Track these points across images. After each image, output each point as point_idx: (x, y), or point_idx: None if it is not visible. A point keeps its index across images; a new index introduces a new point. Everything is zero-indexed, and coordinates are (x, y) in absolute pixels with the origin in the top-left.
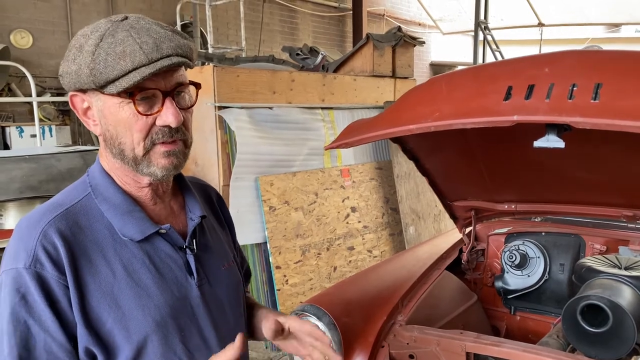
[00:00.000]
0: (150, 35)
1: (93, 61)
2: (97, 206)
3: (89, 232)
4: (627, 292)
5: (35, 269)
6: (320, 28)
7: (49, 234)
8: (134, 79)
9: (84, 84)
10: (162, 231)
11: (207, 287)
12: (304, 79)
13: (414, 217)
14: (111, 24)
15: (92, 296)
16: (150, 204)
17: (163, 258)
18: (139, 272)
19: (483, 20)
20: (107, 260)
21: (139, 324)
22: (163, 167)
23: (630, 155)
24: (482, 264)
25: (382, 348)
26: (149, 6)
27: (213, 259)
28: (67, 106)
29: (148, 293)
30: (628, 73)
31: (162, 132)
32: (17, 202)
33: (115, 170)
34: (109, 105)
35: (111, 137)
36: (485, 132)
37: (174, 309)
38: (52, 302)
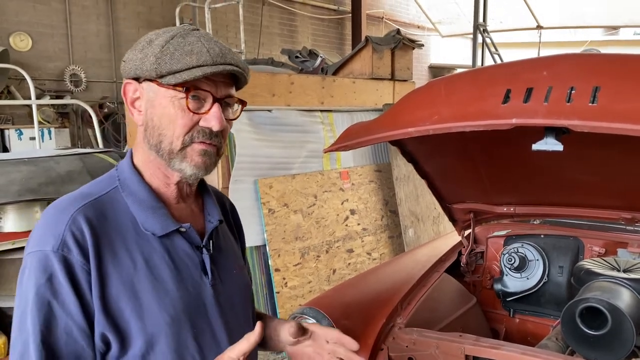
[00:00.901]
0: (217, 45)
1: (161, 52)
2: (123, 199)
3: (114, 223)
4: (625, 294)
5: (62, 252)
6: (320, 31)
7: (78, 220)
8: (195, 74)
9: (145, 70)
10: (182, 229)
11: (220, 287)
12: (303, 82)
13: (413, 219)
14: (183, 29)
15: (113, 285)
16: (174, 202)
17: (181, 255)
18: (158, 266)
19: (482, 22)
20: (129, 252)
21: (155, 317)
22: (195, 165)
23: (629, 158)
24: (481, 267)
25: (382, 351)
26: (149, 9)
27: (226, 261)
28: (66, 109)
29: (165, 287)
30: (626, 76)
31: (203, 132)
32: (16, 204)
33: (148, 163)
34: (161, 97)
35: (153, 127)
36: (484, 135)
37: (188, 306)
38: (75, 287)
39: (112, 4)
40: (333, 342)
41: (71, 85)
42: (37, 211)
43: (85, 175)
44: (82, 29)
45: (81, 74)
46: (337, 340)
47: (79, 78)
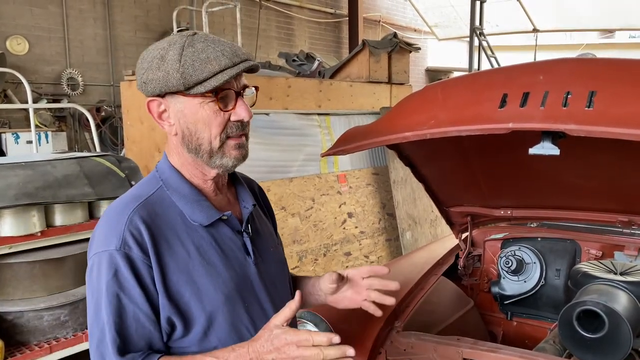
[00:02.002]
0: (224, 45)
1: (182, 66)
2: (169, 197)
3: (165, 219)
4: (622, 297)
5: (124, 250)
6: (317, 34)
7: (134, 220)
8: (222, 79)
9: (171, 87)
10: (224, 217)
11: (261, 265)
12: (301, 85)
13: (411, 222)
14: (185, 37)
15: (172, 273)
16: (213, 195)
17: (226, 241)
18: (208, 253)
19: (478, 26)
20: (181, 242)
21: (212, 297)
22: (235, 158)
23: (625, 162)
24: (479, 270)
25: (380, 354)
26: (146, 12)
27: (263, 241)
28: (63, 112)
29: (217, 270)
30: (621, 81)
31: (236, 126)
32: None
33: (186, 165)
34: (190, 106)
35: (190, 134)
36: (481, 139)
37: (238, 284)
38: (139, 279)
39: (109, 8)
40: (367, 276)
41: (68, 88)
42: (34, 215)
43: (82, 179)
44: (79, 33)
45: (78, 77)
46: (370, 272)
47: (76, 82)
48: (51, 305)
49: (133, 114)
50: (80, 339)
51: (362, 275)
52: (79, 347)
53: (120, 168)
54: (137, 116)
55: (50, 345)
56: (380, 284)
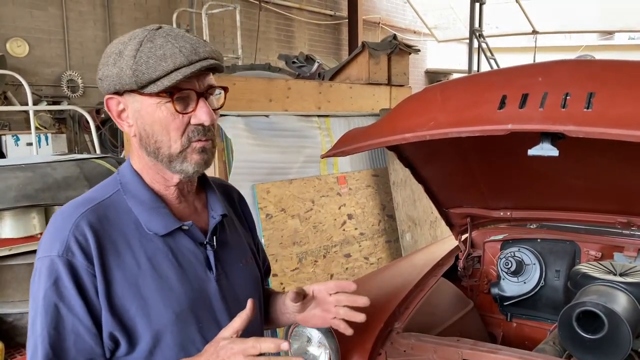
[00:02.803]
0: (186, 40)
1: (135, 63)
2: (125, 202)
3: (117, 225)
4: (622, 298)
5: (67, 257)
6: (316, 36)
7: (81, 225)
8: (175, 78)
9: (125, 85)
10: (184, 227)
11: (224, 281)
12: (300, 87)
13: (410, 224)
14: (147, 32)
15: (118, 284)
16: (176, 202)
17: (185, 253)
18: (161, 265)
19: (478, 28)
20: (132, 252)
21: (160, 314)
22: (196, 163)
23: (624, 163)
24: (478, 271)
25: (379, 355)
26: (146, 14)
27: (232, 255)
28: (63, 114)
29: (169, 285)
30: (620, 82)
31: (197, 130)
32: (13, 211)
33: (147, 169)
34: (147, 106)
35: (147, 136)
36: (481, 141)
37: (193, 301)
38: (80, 289)
39: (109, 10)
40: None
41: (68, 90)
42: (34, 217)
43: (82, 181)
44: (79, 35)
45: (78, 79)
46: (337, 288)
47: (76, 84)
48: None
49: None
50: None
51: (329, 291)
52: None
53: None
54: None
55: None
56: (348, 300)
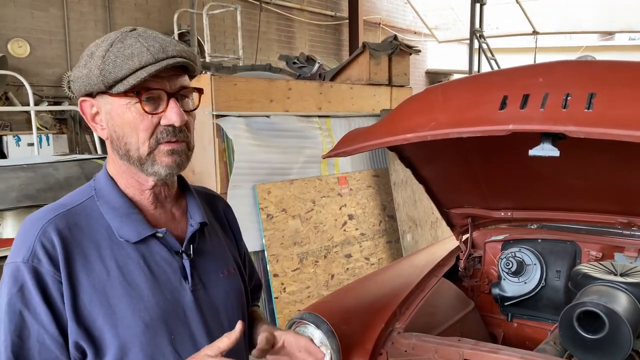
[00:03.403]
0: (156, 40)
1: (103, 63)
2: (98, 208)
3: (87, 232)
4: (622, 298)
5: (32, 263)
6: (317, 37)
7: (48, 231)
8: (140, 76)
9: (93, 85)
10: (158, 235)
11: (201, 292)
12: (301, 88)
13: (411, 224)
14: (120, 33)
15: (85, 293)
16: (151, 208)
17: (158, 261)
18: (132, 273)
19: (478, 28)
20: (102, 259)
21: (128, 324)
22: (167, 166)
23: (624, 163)
24: (479, 271)
25: (380, 355)
26: (146, 15)
27: (212, 265)
28: (64, 115)
29: (139, 294)
30: (621, 83)
31: (167, 131)
32: (15, 211)
33: (121, 173)
34: (117, 107)
35: (118, 138)
36: (481, 141)
37: (164, 312)
38: (46, 296)
39: (110, 11)
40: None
41: (69, 91)
42: None
43: (83, 181)
44: (80, 35)
45: None
46: (304, 349)
47: None
48: None
49: None
50: None
51: (300, 348)
52: None
53: None
54: None
55: None
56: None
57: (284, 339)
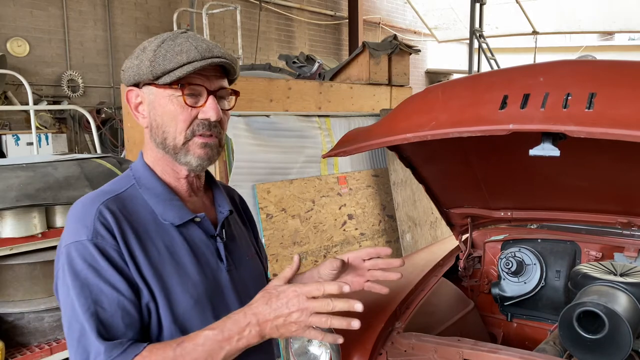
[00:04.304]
0: (204, 42)
1: (154, 56)
2: (140, 195)
3: (136, 216)
4: (622, 298)
5: (96, 240)
6: (317, 36)
7: (104, 212)
8: (186, 70)
9: (142, 75)
10: (197, 219)
11: (234, 272)
12: (301, 87)
13: (411, 224)
14: (172, 33)
15: (143, 268)
16: (187, 195)
17: (198, 243)
18: (179, 253)
19: (478, 28)
20: (152, 240)
21: (179, 299)
22: (199, 157)
23: (625, 163)
24: (479, 271)
25: (380, 355)
26: (146, 14)
27: (239, 249)
28: (63, 114)
29: (187, 272)
30: (621, 82)
31: (203, 124)
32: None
33: (157, 161)
34: (160, 97)
35: (157, 127)
36: (482, 141)
37: (207, 290)
38: (116, 267)
39: (110, 10)
40: (369, 257)
41: (68, 90)
42: (35, 217)
43: (83, 181)
44: (80, 35)
45: (78, 79)
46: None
47: (77, 83)
48: (51, 306)
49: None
50: None
51: (363, 257)
52: None
53: (120, 169)
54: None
55: (50, 346)
56: (384, 263)
57: (347, 257)
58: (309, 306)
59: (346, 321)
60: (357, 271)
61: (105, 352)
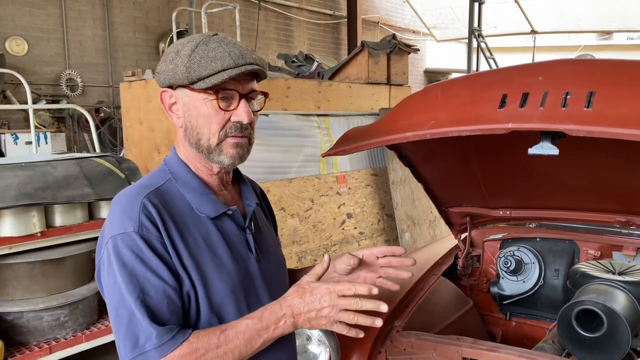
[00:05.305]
0: (236, 47)
1: (189, 61)
2: (177, 189)
3: (175, 208)
4: (621, 297)
5: (142, 232)
6: (316, 35)
7: (147, 205)
8: (222, 78)
9: (177, 79)
10: (229, 212)
11: (263, 262)
12: (300, 86)
13: (410, 223)
14: (204, 37)
15: (184, 258)
16: (218, 189)
17: (230, 235)
18: (215, 244)
19: (477, 27)
20: (190, 231)
21: (217, 288)
22: (231, 156)
23: (623, 162)
24: (478, 270)
25: (379, 354)
26: (145, 13)
27: (265, 240)
28: (62, 113)
29: (222, 263)
30: (620, 81)
31: (235, 127)
32: (13, 209)
33: (190, 158)
34: (195, 101)
35: (191, 128)
36: (481, 140)
37: (241, 279)
38: (160, 257)
39: (109, 9)
40: (382, 255)
41: (67, 89)
42: (34, 216)
43: (82, 180)
44: (79, 34)
45: (77, 78)
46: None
47: (75, 82)
48: (51, 305)
49: (132, 115)
50: (79, 340)
51: (377, 255)
52: (79, 348)
53: (120, 169)
54: (136, 117)
55: (49, 345)
56: (397, 262)
57: (362, 254)
58: (340, 303)
59: (370, 320)
60: (370, 267)
61: (157, 336)
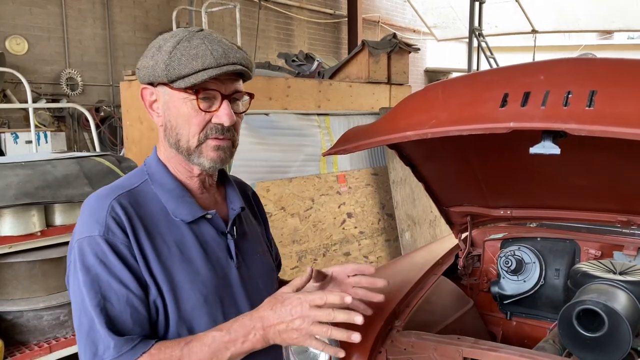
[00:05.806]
0: (220, 45)
1: (169, 59)
2: (152, 191)
3: (147, 211)
4: (622, 296)
5: (108, 236)
6: (316, 35)
7: (116, 207)
8: (201, 77)
9: (157, 77)
10: (208, 216)
11: (244, 269)
12: (300, 86)
13: (410, 222)
14: (188, 32)
15: (152, 264)
16: (198, 192)
17: (208, 240)
18: (189, 250)
19: (477, 27)
20: (162, 236)
21: (188, 296)
22: (211, 159)
23: (625, 162)
24: (478, 270)
25: (380, 354)
26: (145, 12)
27: (249, 246)
28: (62, 112)
29: (196, 269)
30: (622, 80)
31: (216, 128)
32: (13, 208)
33: (170, 159)
34: (174, 99)
35: (171, 128)
36: (482, 139)
37: (217, 286)
38: (125, 263)
39: (109, 8)
40: (353, 274)
41: (67, 88)
42: (33, 215)
43: (82, 179)
44: (79, 33)
45: (77, 77)
46: (356, 271)
47: (75, 81)
48: (51, 304)
49: (132, 114)
50: None
51: (348, 273)
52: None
53: (120, 168)
54: (136, 116)
55: (49, 345)
56: (368, 282)
57: (332, 271)
58: (311, 314)
59: (347, 334)
60: (340, 286)
61: (115, 347)
